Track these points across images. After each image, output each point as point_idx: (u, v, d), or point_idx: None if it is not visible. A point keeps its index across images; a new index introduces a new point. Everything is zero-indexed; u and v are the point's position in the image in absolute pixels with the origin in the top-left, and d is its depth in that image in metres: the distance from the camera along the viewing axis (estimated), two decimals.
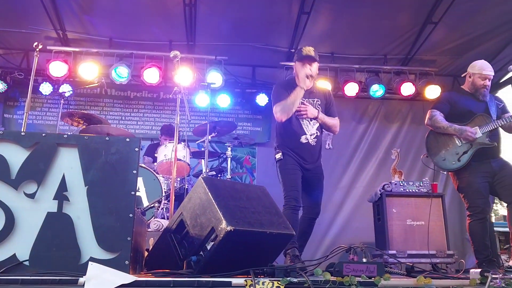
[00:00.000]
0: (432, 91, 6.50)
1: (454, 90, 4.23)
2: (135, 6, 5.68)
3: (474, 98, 4.00)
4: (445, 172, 4.05)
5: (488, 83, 4.00)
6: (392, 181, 5.19)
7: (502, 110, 4.07)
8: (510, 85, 5.98)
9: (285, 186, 3.86)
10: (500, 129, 4.05)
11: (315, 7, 5.58)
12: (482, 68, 4.00)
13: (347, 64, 6.66)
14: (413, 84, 6.59)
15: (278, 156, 3.94)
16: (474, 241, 3.83)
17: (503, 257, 6.40)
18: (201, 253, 2.55)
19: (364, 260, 2.83)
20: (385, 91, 6.60)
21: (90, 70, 6.07)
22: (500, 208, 22.63)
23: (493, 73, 4.06)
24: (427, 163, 4.29)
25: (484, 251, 3.77)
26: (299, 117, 3.92)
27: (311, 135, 3.93)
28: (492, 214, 7.93)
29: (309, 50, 3.92)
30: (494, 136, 3.94)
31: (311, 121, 3.94)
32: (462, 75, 4.32)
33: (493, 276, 2.21)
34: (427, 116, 4.10)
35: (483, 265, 3.62)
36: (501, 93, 6.76)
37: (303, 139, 3.91)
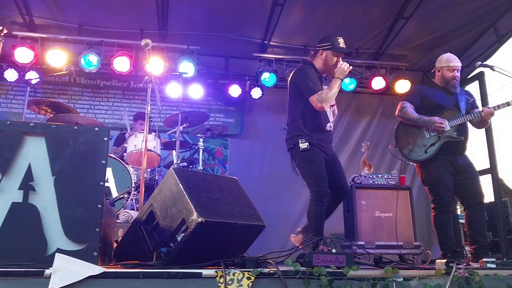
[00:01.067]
0: (402, 86, 6.60)
1: (426, 83, 4.31)
2: None
3: (445, 92, 4.06)
4: (411, 163, 4.10)
5: (457, 74, 4.06)
6: (362, 173, 5.27)
7: (472, 105, 4.14)
8: (478, 80, 6.12)
9: (315, 180, 3.65)
10: (469, 126, 4.13)
11: None
12: (449, 60, 4.06)
13: None
14: (384, 79, 6.69)
15: (304, 145, 3.65)
16: (439, 233, 3.92)
17: (467, 248, 6.61)
18: (171, 244, 2.54)
19: (334, 251, 2.86)
20: (356, 85, 6.67)
21: (58, 58, 5.90)
22: None
23: (460, 64, 4.12)
24: (395, 153, 4.34)
25: (449, 242, 3.86)
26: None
27: (331, 122, 3.84)
28: (458, 207, 8.14)
29: (343, 43, 3.80)
30: (462, 130, 4.01)
31: (330, 108, 3.83)
32: (432, 71, 4.39)
33: (458, 266, 2.27)
34: (398, 107, 4.15)
35: (448, 256, 3.71)
36: (469, 89, 6.93)
37: (328, 127, 3.78)
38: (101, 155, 2.36)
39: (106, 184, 4.45)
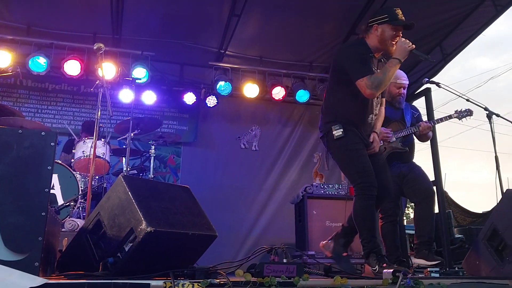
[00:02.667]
0: None
1: None
2: None
3: (391, 106, 4.20)
4: None
5: (404, 91, 4.20)
6: (314, 183, 5.35)
7: (417, 119, 4.34)
8: (424, 96, 6.36)
9: (357, 171, 3.11)
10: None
11: (245, 10, 5.61)
12: (396, 77, 4.17)
13: (274, 69, 6.77)
14: None
15: (338, 133, 3.14)
16: (385, 242, 4.01)
17: (412, 258, 6.81)
18: (119, 254, 2.46)
19: (285, 260, 2.87)
20: (309, 97, 6.79)
21: (3, 58, 5.63)
22: (411, 212, 24.08)
23: (407, 82, 4.27)
24: None
25: (395, 252, 3.96)
26: None
27: (374, 115, 3.36)
28: (404, 218, 8.41)
29: (402, 15, 3.24)
30: (407, 142, 4.19)
31: (378, 98, 3.39)
32: None
33: (404, 275, 2.33)
34: None
35: (394, 265, 3.80)
36: (416, 104, 7.20)
37: (369, 119, 3.31)
38: (47, 160, 2.27)
39: (51, 191, 4.28)
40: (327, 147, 3.32)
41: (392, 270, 2.52)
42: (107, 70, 5.72)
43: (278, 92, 6.70)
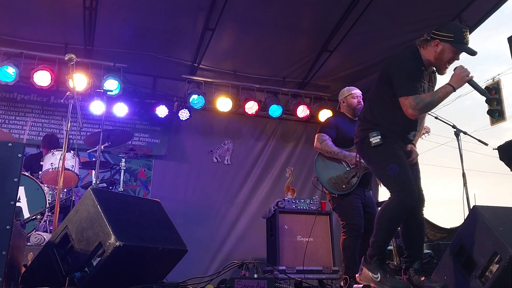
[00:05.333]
0: (325, 115, 6.86)
1: (339, 115, 4.44)
2: (28, 2, 5.29)
3: (353, 123, 4.17)
4: (335, 195, 4.17)
5: (361, 100, 4.28)
6: (286, 198, 5.37)
7: None
8: None
9: (397, 179, 2.92)
10: None
11: (219, 24, 5.65)
12: (349, 89, 4.33)
13: (248, 83, 6.82)
14: (308, 107, 6.94)
15: (376, 140, 2.99)
16: (345, 256, 3.98)
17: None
18: (86, 269, 2.41)
19: (256, 275, 2.86)
20: (282, 112, 6.84)
21: None
22: None
23: (361, 92, 4.35)
24: (318, 185, 4.40)
25: (354, 267, 3.92)
26: None
27: (416, 131, 3.23)
28: None
29: (468, 38, 2.96)
30: None
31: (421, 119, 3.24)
32: (337, 107, 4.57)
33: None
34: (316, 138, 4.23)
35: (351, 280, 3.82)
36: None
37: (411, 136, 3.16)
38: (14, 172, 2.21)
39: (17, 203, 4.16)
40: (362, 154, 3.20)
41: (362, 285, 2.53)
42: (78, 81, 5.64)
43: (251, 107, 6.73)
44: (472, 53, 2.95)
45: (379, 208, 2.99)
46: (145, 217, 2.78)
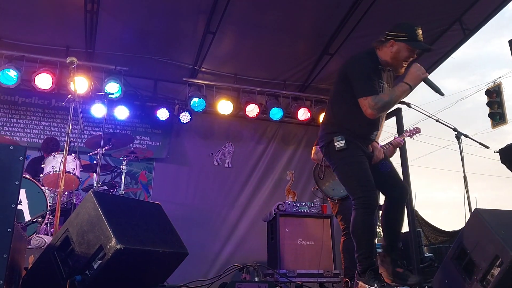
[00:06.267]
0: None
1: None
2: (30, 7, 5.31)
3: None
4: (335, 200, 4.23)
5: None
6: (286, 201, 5.36)
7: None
8: (395, 116, 6.49)
9: (358, 184, 2.95)
10: None
11: (220, 28, 5.66)
12: None
13: (249, 86, 6.83)
14: (309, 110, 6.95)
15: (340, 144, 2.99)
16: (346, 258, 4.04)
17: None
18: (87, 272, 2.41)
19: (256, 279, 2.86)
20: (283, 115, 6.85)
21: None
22: (380, 231, 24.35)
23: None
24: (318, 194, 4.45)
25: (354, 268, 3.99)
26: None
27: (377, 131, 3.22)
28: None
29: (422, 36, 3.02)
30: None
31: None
32: None
33: None
34: (313, 151, 4.31)
35: (351, 282, 3.83)
36: (386, 124, 7.35)
37: (373, 135, 3.16)
38: (15, 175, 2.21)
39: (18, 206, 4.16)
40: (327, 158, 3.16)
41: None
42: (80, 84, 5.65)
43: (252, 110, 6.74)
44: (427, 49, 3.10)
45: (351, 222, 2.97)
46: (146, 220, 2.78)
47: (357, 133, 3.05)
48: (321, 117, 6.89)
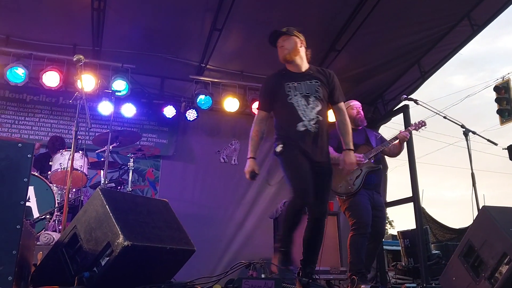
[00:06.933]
0: (332, 115, 6.83)
1: None
2: (38, 5, 5.33)
3: (355, 132, 4.28)
4: (343, 197, 4.25)
5: (360, 110, 4.49)
6: None
7: (381, 140, 4.53)
8: (402, 113, 6.47)
9: (292, 183, 3.23)
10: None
11: (227, 25, 5.65)
12: (348, 102, 4.48)
13: (255, 83, 6.81)
14: None
15: (279, 149, 3.34)
16: (351, 253, 4.04)
17: (390, 273, 6.86)
18: (95, 269, 2.42)
19: (263, 276, 2.87)
20: None
21: None
22: (389, 228, 24.33)
23: (360, 104, 4.55)
24: None
25: (359, 264, 4.00)
26: None
27: (309, 120, 3.35)
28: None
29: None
30: (377, 160, 4.37)
31: (308, 103, 3.40)
32: None
33: None
34: None
35: (358, 280, 3.84)
36: (393, 121, 7.34)
37: (301, 127, 3.31)
38: (23, 172, 2.23)
39: (27, 203, 4.19)
40: (279, 162, 3.44)
41: (370, 285, 2.53)
42: (87, 82, 5.68)
43: None
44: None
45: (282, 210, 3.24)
46: (153, 217, 2.79)
47: (288, 134, 3.37)
48: (329, 114, 6.86)
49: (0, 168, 2.20)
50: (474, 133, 4.37)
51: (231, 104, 6.65)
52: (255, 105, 6.70)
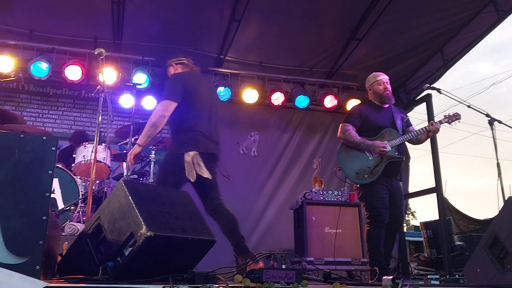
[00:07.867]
0: (353, 105, 6.78)
1: (365, 103, 4.35)
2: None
3: (381, 111, 4.16)
4: (358, 185, 4.11)
5: (388, 86, 4.18)
6: (313, 189, 5.35)
7: (407, 123, 4.27)
8: (425, 102, 6.38)
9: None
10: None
11: (246, 15, 5.64)
12: (375, 76, 4.22)
13: (274, 74, 6.79)
14: (335, 97, 6.87)
15: None
16: (370, 247, 3.93)
17: (412, 265, 6.81)
18: (118, 259, 2.46)
19: (284, 266, 2.87)
20: (309, 102, 6.80)
21: (5, 63, 5.66)
22: (411, 219, 24.07)
23: (387, 77, 4.24)
24: (341, 176, 4.32)
25: (379, 257, 3.89)
26: None
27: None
28: (404, 224, 8.40)
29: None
30: (401, 150, 4.13)
31: None
32: (366, 95, 4.49)
33: (404, 283, 2.33)
34: (340, 129, 4.14)
35: (379, 272, 3.75)
36: (416, 110, 7.24)
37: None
38: (48, 165, 2.28)
39: (52, 195, 4.28)
40: None
41: (391, 277, 2.51)
42: (108, 75, 5.75)
43: (278, 98, 6.71)
44: None
45: None
46: (175, 207, 2.81)
47: None
48: (349, 104, 6.83)
49: (26, 161, 2.25)
50: (499, 122, 4.27)
51: (250, 95, 6.65)
52: (274, 96, 6.69)
